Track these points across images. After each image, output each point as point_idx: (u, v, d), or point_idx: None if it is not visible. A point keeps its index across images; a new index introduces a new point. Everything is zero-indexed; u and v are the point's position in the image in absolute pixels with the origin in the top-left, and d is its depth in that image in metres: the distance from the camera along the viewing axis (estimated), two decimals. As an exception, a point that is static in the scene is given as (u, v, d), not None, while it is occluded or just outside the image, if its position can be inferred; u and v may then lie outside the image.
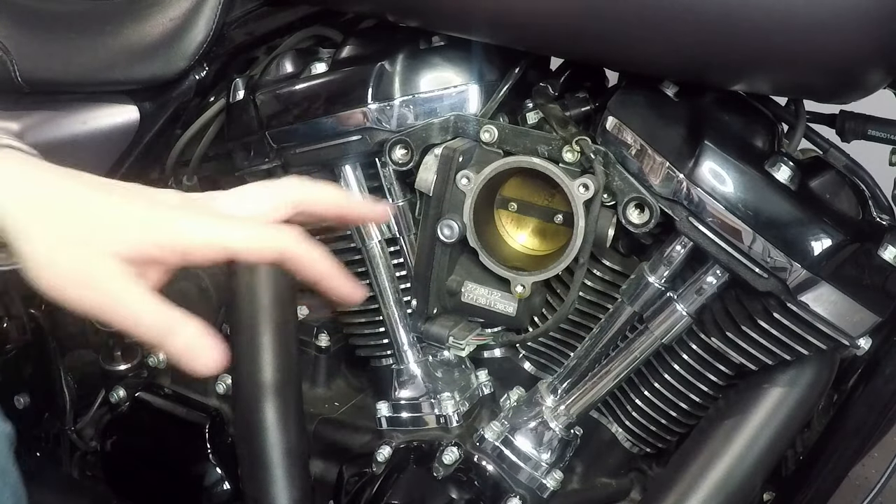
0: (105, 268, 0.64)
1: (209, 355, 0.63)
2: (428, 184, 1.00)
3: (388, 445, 1.08)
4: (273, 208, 0.69)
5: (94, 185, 0.67)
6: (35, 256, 0.64)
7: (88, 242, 0.64)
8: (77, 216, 0.65)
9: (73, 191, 0.66)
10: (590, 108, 1.03)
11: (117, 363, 1.31)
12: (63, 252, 0.64)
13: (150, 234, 0.65)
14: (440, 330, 1.03)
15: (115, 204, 0.66)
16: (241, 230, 0.66)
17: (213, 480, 1.23)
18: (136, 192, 0.68)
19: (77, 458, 1.38)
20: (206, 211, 0.68)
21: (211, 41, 1.09)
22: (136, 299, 0.63)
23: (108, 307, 0.63)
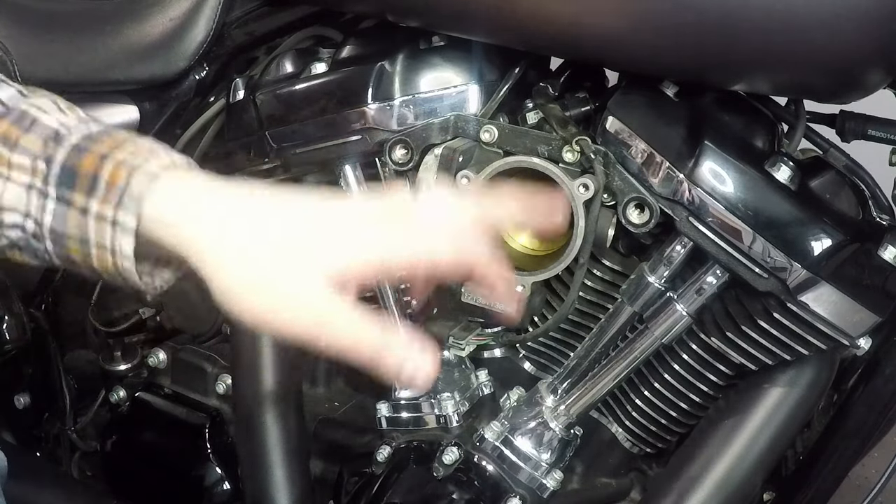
0: (313, 291, 0.60)
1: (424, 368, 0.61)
2: (428, 184, 1.00)
3: (388, 445, 1.08)
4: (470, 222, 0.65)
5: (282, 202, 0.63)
6: (231, 288, 0.61)
7: (292, 266, 0.61)
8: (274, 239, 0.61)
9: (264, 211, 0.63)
10: (590, 108, 1.03)
11: (117, 363, 1.31)
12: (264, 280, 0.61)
13: (354, 254, 0.61)
14: (440, 330, 1.03)
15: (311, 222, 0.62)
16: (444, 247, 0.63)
17: (213, 480, 1.23)
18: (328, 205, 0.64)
19: (77, 458, 1.38)
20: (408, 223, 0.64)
21: (211, 41, 1.09)
22: (348, 322, 0.61)
23: (320, 332, 0.61)
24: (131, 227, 0.61)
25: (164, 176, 0.61)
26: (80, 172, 0.61)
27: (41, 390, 1.36)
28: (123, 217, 0.61)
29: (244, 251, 0.61)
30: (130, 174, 0.61)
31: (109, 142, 0.63)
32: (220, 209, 0.62)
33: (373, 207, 0.64)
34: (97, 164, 0.61)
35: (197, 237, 0.61)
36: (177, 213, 0.61)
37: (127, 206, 0.60)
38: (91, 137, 0.63)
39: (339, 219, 0.63)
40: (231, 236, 0.61)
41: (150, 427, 1.29)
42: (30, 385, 1.37)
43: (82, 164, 0.62)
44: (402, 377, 0.61)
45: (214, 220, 0.61)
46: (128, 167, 0.61)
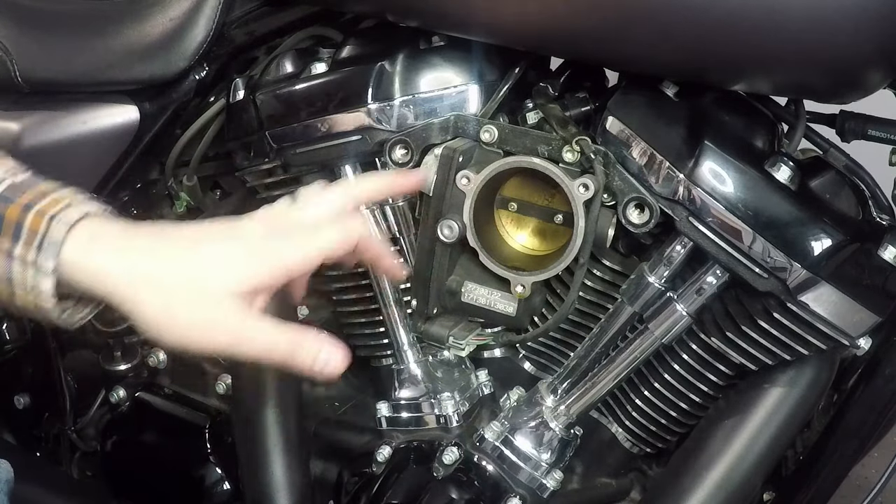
0: (224, 310, 0.69)
1: (335, 358, 0.71)
2: (428, 184, 1.00)
3: (388, 445, 1.08)
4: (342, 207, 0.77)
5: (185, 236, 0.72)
6: (153, 317, 0.69)
7: (201, 291, 0.69)
8: (181, 270, 0.69)
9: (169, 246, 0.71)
10: (590, 108, 1.03)
11: (117, 363, 1.31)
12: (180, 307, 0.69)
13: (255, 268, 0.70)
14: (440, 330, 1.03)
15: (212, 249, 0.71)
16: (329, 235, 0.73)
17: (213, 480, 1.23)
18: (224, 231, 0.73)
19: (77, 458, 1.38)
20: (293, 229, 0.74)
21: (211, 41, 1.09)
22: (260, 330, 0.70)
23: (237, 344, 0.70)
24: (49, 269, 0.68)
25: (81, 223, 0.69)
26: (5, 220, 0.69)
27: (41, 390, 1.36)
28: (43, 261, 0.68)
29: (157, 284, 0.69)
30: (50, 222, 0.68)
31: (33, 192, 0.70)
32: (132, 250, 0.70)
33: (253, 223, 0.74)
34: (20, 214, 0.69)
35: (113, 277, 0.69)
36: (93, 257, 0.69)
37: (46, 250, 0.68)
38: (17, 188, 0.70)
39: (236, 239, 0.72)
40: (143, 273, 0.69)
41: (150, 427, 1.29)
42: (30, 385, 1.37)
43: (8, 213, 0.69)
44: (315, 370, 0.71)
45: (127, 260, 0.69)
46: (48, 216, 0.69)
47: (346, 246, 0.74)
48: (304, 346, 0.71)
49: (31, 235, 0.68)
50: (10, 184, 0.70)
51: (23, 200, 0.69)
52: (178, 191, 1.27)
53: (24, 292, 0.69)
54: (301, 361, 0.70)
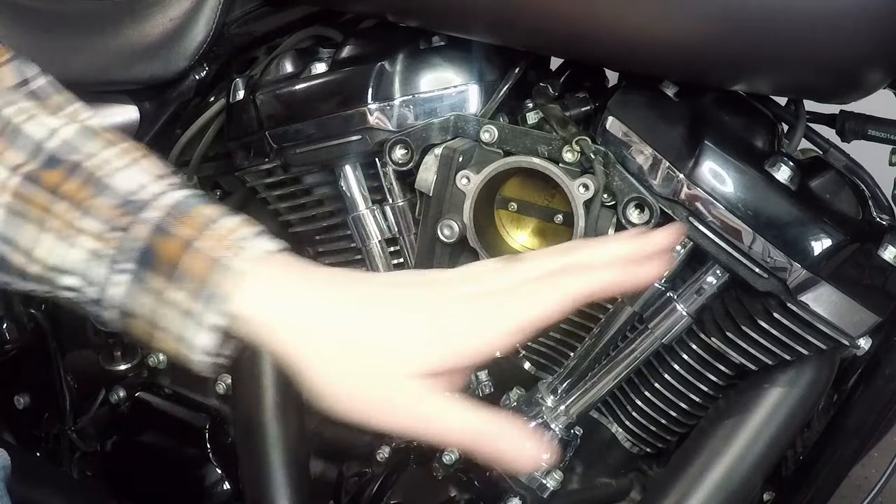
0: (412, 392, 0.59)
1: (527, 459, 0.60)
2: (428, 184, 1.00)
3: (388, 445, 1.08)
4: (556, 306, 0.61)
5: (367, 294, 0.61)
6: (324, 388, 0.59)
7: (383, 370, 0.59)
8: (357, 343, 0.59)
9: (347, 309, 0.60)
10: (590, 108, 1.03)
11: (117, 363, 1.31)
12: (357, 383, 0.59)
13: (441, 352, 0.59)
14: (440, 330, 1.03)
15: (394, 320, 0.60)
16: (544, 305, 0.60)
17: (213, 480, 1.23)
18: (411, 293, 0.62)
19: (77, 458, 1.38)
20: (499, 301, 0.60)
21: (211, 41, 1.09)
22: (448, 416, 0.60)
23: (421, 428, 0.60)
24: (211, 325, 0.59)
25: (252, 273, 0.59)
26: (161, 256, 0.58)
27: (41, 390, 1.36)
28: (205, 314, 0.58)
29: (328, 356, 0.59)
30: (217, 270, 0.58)
31: (193, 224, 0.59)
32: (304, 309, 0.60)
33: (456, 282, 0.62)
34: (180, 252, 0.58)
35: (287, 337, 0.59)
36: (260, 314, 0.59)
37: (210, 304, 0.58)
38: (172, 213, 0.59)
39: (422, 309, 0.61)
40: (328, 339, 0.59)
41: (150, 427, 1.29)
42: (30, 385, 1.37)
43: (164, 249, 0.58)
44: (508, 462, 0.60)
45: (298, 321, 0.59)
46: (215, 262, 0.58)
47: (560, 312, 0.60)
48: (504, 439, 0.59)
49: (193, 281, 0.58)
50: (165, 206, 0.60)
51: (183, 233, 0.59)
52: (178, 191, 1.26)
53: (167, 338, 0.60)
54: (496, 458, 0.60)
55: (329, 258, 1.14)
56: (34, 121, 0.62)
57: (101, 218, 0.59)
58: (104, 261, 0.59)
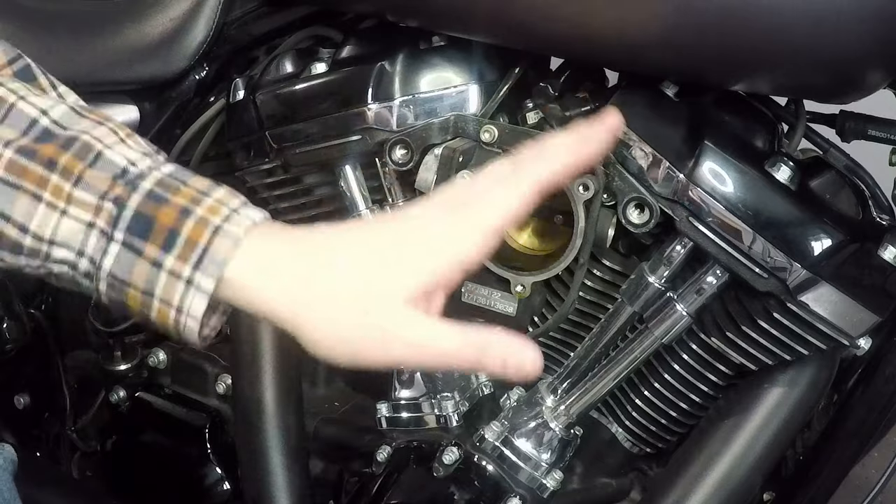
0: (398, 322, 0.61)
1: (528, 361, 0.61)
2: (428, 184, 1.00)
3: (388, 445, 1.08)
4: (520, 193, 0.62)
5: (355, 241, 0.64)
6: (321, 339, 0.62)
7: (371, 305, 0.61)
8: (348, 284, 0.61)
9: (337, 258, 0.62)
10: (590, 108, 1.03)
11: (117, 363, 1.31)
12: (351, 325, 0.61)
13: (428, 268, 0.61)
14: (440, 330, 1.03)
15: (380, 255, 0.62)
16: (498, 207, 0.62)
17: (213, 480, 1.23)
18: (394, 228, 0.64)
19: (77, 458, 1.38)
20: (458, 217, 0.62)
21: (211, 41, 1.09)
22: (441, 338, 0.61)
23: (417, 355, 0.62)
24: (209, 290, 0.60)
25: (247, 238, 0.61)
26: (156, 223, 0.60)
27: (41, 390, 1.36)
28: (201, 279, 0.60)
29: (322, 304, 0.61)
30: (213, 235, 0.60)
31: (188, 193, 0.61)
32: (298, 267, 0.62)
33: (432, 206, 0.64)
34: (177, 219, 0.60)
35: (281, 296, 0.61)
36: (259, 276, 0.61)
37: (207, 269, 0.60)
38: (165, 184, 0.61)
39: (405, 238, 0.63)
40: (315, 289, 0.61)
41: (150, 427, 1.29)
42: (30, 385, 1.37)
43: (160, 216, 0.60)
44: (509, 373, 0.61)
45: (292, 279, 0.61)
46: (211, 227, 0.60)
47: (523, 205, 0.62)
48: (492, 350, 0.61)
49: (189, 248, 0.59)
50: (158, 178, 0.61)
51: (179, 201, 0.60)
52: (179, 191, 1.26)
53: (165, 307, 0.61)
54: (490, 367, 0.62)
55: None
56: (25, 101, 0.62)
57: (95, 189, 0.60)
58: (95, 231, 0.60)
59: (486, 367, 0.62)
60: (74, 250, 0.61)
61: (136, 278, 0.60)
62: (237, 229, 0.60)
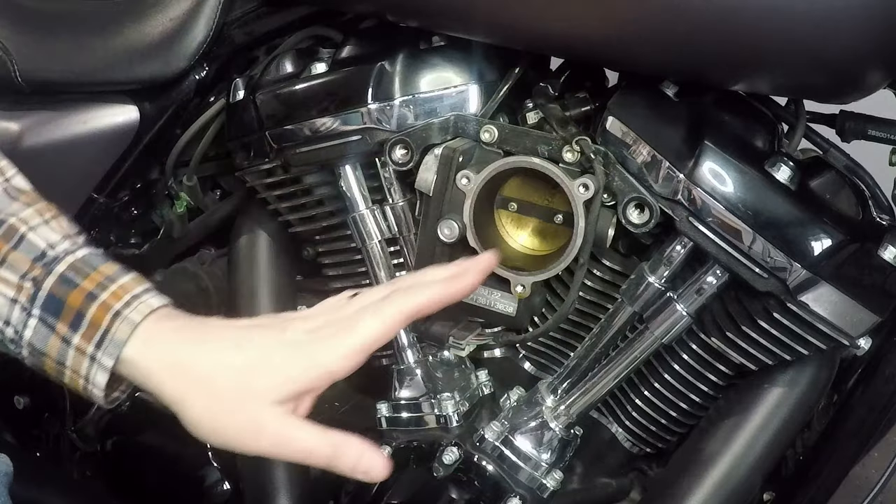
0: (267, 419, 0.69)
1: (376, 466, 0.71)
2: (428, 184, 1.00)
3: (388, 445, 1.08)
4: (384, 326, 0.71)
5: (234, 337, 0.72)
6: (198, 419, 0.70)
7: (246, 400, 0.69)
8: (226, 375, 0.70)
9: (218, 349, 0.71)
10: (590, 108, 1.03)
11: (117, 363, 1.31)
12: (226, 413, 0.70)
13: (297, 375, 0.70)
14: (440, 330, 1.03)
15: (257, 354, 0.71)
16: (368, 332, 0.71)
17: (213, 480, 1.23)
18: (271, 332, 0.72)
19: (77, 458, 1.38)
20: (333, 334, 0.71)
21: (211, 41, 1.09)
22: (302, 437, 0.70)
23: (279, 450, 0.70)
24: (108, 367, 0.69)
25: (143, 325, 0.69)
26: (66, 305, 0.69)
27: (41, 390, 1.36)
28: (102, 357, 0.69)
29: (202, 388, 0.70)
30: (114, 320, 0.69)
31: (96, 277, 0.70)
32: (183, 351, 0.70)
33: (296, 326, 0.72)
34: (83, 303, 0.69)
35: (164, 378, 0.70)
36: (147, 357, 0.69)
37: (107, 349, 0.68)
38: (77, 269, 0.70)
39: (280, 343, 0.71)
40: (191, 376, 0.70)
41: (150, 427, 1.29)
42: (30, 385, 1.37)
43: (69, 298, 0.69)
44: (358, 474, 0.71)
45: (178, 362, 0.70)
46: (112, 312, 0.69)
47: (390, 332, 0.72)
48: (346, 452, 0.71)
49: (93, 329, 0.68)
50: (71, 263, 0.70)
51: (86, 286, 0.69)
52: (178, 191, 1.27)
53: (75, 376, 0.70)
54: (342, 466, 0.71)
55: (329, 258, 1.14)
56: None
57: (17, 269, 0.70)
58: (18, 306, 0.69)
59: (339, 466, 0.70)
60: (3, 320, 0.70)
61: (51, 350, 0.69)
62: (135, 315, 0.69)
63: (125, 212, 1.29)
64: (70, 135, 1.10)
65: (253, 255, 1.17)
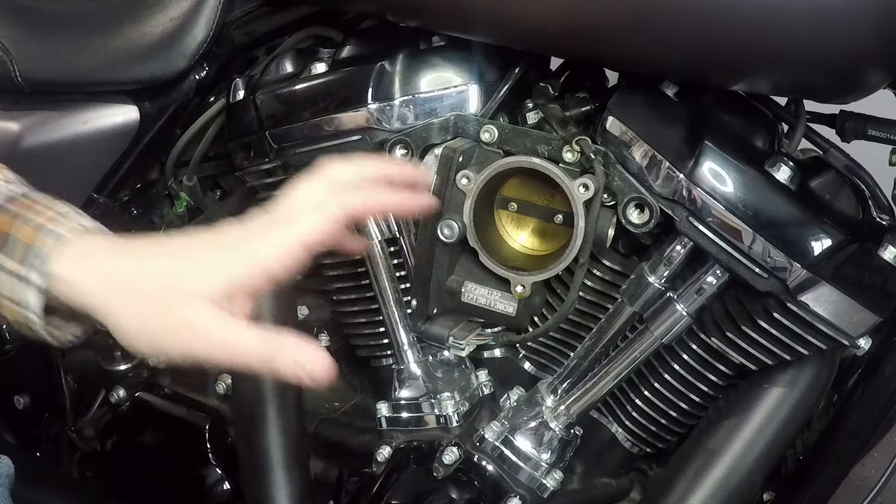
0: (198, 318, 0.67)
1: (318, 367, 0.67)
2: (428, 184, 1.00)
3: (388, 445, 1.08)
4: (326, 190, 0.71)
5: (166, 245, 0.71)
6: (127, 325, 0.67)
7: (174, 296, 0.67)
8: (156, 276, 0.68)
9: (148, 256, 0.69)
10: (590, 108, 1.03)
11: (117, 363, 1.31)
12: (153, 313, 0.67)
13: (228, 270, 0.68)
14: (440, 330, 1.03)
15: (187, 255, 0.69)
16: (308, 221, 0.69)
17: (213, 480, 1.23)
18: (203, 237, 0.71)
19: (77, 458, 1.38)
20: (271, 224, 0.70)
21: (211, 41, 1.09)
22: (236, 335, 0.67)
23: (212, 349, 0.67)
24: (37, 284, 0.67)
25: (71, 238, 0.68)
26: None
27: (41, 390, 1.36)
28: (30, 274, 0.67)
29: (131, 292, 0.68)
30: (39, 235, 0.68)
31: (25, 203, 0.70)
32: (113, 262, 0.69)
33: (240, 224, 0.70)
34: (10, 224, 0.69)
35: (92, 289, 0.68)
36: (76, 271, 0.68)
37: (34, 264, 0.67)
38: (11, 199, 0.70)
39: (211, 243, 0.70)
40: (119, 282, 0.68)
41: (150, 427, 1.29)
42: (30, 385, 1.37)
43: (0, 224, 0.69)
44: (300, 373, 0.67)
45: (107, 271, 0.68)
46: (39, 229, 0.68)
47: (331, 228, 0.70)
48: (284, 351, 0.67)
49: (21, 248, 0.68)
50: (7, 195, 0.71)
51: (14, 210, 0.69)
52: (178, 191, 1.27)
53: (11, 304, 0.69)
54: (280, 367, 0.67)
55: (329, 258, 1.14)
56: None
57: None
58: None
59: (278, 366, 0.66)
60: None
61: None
62: (60, 230, 0.68)
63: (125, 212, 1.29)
64: (70, 135, 1.10)
65: (253, 255, 1.17)
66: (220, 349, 0.67)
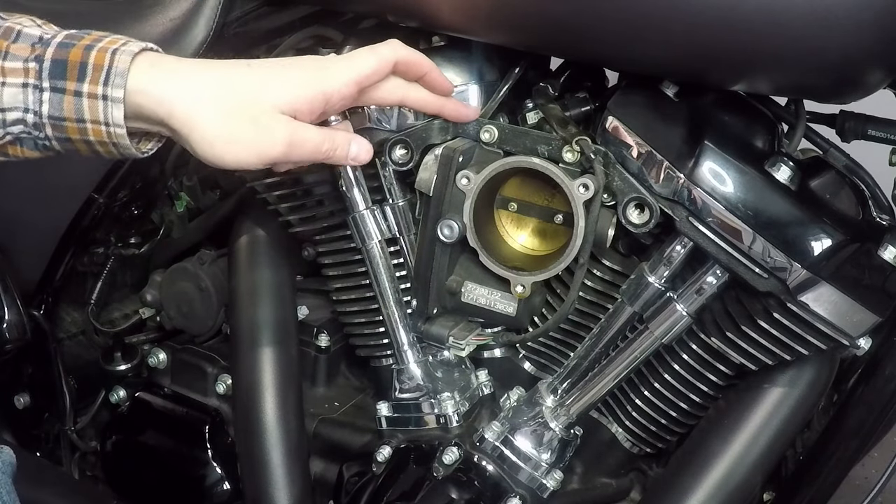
0: (278, 125, 0.79)
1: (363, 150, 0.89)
2: (428, 184, 1.00)
3: (388, 445, 1.08)
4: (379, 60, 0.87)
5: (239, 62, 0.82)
6: (212, 135, 0.77)
7: (254, 107, 0.78)
8: (238, 88, 0.79)
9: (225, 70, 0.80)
10: (590, 108, 1.03)
11: (117, 363, 1.31)
12: (238, 122, 0.78)
13: (302, 91, 0.81)
14: (440, 330, 1.03)
15: (265, 71, 0.82)
16: (363, 59, 0.86)
17: (213, 480, 1.23)
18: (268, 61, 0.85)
19: (77, 458, 1.38)
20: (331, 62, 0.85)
21: (211, 41, 1.09)
22: (310, 136, 0.82)
23: (290, 152, 0.80)
24: (120, 98, 0.75)
25: (143, 54, 0.77)
26: (69, 62, 0.76)
27: (41, 390, 1.36)
28: (112, 91, 0.75)
29: (215, 103, 0.77)
30: (114, 55, 0.76)
31: (91, 37, 0.78)
32: (191, 74, 0.78)
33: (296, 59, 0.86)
34: (83, 54, 0.76)
35: (175, 100, 0.76)
36: (156, 83, 0.76)
37: (114, 81, 0.75)
38: (73, 35, 0.78)
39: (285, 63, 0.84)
40: (202, 93, 0.77)
41: (150, 427, 1.29)
42: (30, 385, 1.37)
43: (70, 56, 0.76)
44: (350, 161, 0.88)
45: (187, 82, 0.77)
46: (110, 52, 0.76)
47: (382, 67, 0.86)
48: (342, 143, 0.85)
49: (97, 71, 0.75)
50: (66, 34, 0.78)
51: (83, 42, 0.77)
52: (178, 191, 1.27)
53: (96, 126, 0.76)
54: (340, 155, 0.85)
55: (329, 258, 1.14)
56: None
57: (20, 56, 0.77)
58: (30, 88, 0.76)
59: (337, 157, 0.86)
60: (21, 109, 0.76)
61: (68, 111, 0.76)
62: (132, 47, 0.77)
63: (125, 212, 1.29)
64: (70, 134, 1.10)
65: (253, 255, 1.17)
66: (300, 149, 0.81)
